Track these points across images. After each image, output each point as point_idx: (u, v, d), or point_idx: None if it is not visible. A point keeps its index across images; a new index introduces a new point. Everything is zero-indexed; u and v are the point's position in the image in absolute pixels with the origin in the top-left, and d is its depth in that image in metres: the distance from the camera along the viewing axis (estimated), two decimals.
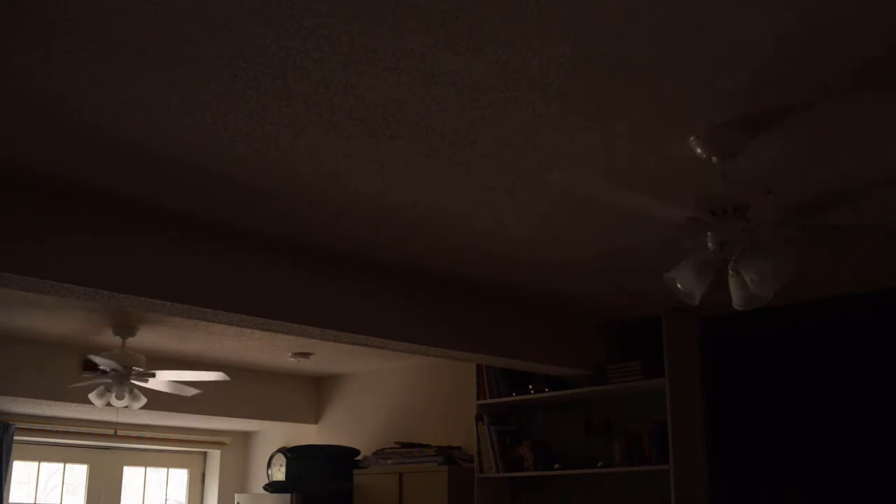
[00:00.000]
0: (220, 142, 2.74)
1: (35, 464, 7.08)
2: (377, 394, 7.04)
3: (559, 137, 2.69)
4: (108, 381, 5.32)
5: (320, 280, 4.05)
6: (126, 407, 5.43)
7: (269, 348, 6.08)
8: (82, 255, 3.29)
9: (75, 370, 5.95)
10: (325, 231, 3.70)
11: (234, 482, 7.94)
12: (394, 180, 3.07)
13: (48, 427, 6.73)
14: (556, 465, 5.34)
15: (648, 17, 2.02)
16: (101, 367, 5.30)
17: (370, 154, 2.83)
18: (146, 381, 5.41)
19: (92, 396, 5.38)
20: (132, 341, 5.44)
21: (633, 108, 2.51)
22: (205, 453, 8.09)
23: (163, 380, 5.47)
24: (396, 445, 6.20)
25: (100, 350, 5.43)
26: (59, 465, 7.21)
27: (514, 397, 5.61)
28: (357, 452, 6.64)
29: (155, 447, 7.61)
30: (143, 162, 2.93)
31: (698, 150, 2.69)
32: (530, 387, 5.53)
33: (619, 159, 2.88)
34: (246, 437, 8.13)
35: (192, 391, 5.69)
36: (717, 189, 2.66)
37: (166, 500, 7.88)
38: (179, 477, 7.97)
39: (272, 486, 6.65)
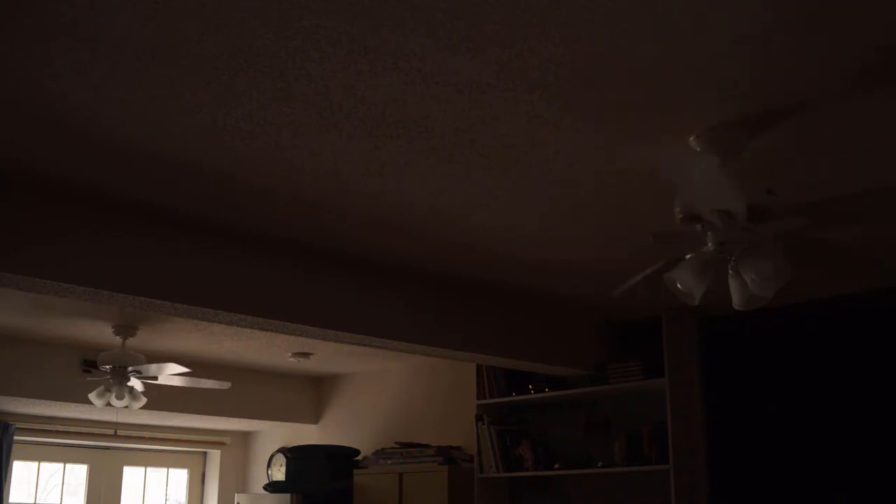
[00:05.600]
0: (220, 142, 2.74)
1: (35, 464, 7.08)
2: (377, 394, 7.04)
3: (559, 137, 2.70)
4: (108, 380, 5.33)
5: (320, 280, 4.05)
6: (126, 407, 5.44)
7: (269, 348, 6.08)
8: (82, 255, 3.29)
9: (75, 370, 5.95)
10: (325, 231, 3.70)
11: (234, 482, 7.95)
12: (394, 180, 3.07)
13: (48, 427, 6.73)
14: (556, 465, 5.34)
15: (648, 17, 2.02)
16: (101, 367, 5.31)
17: (370, 154, 2.83)
18: (155, 378, 5.41)
19: (92, 396, 5.38)
20: (132, 341, 5.44)
21: (633, 108, 2.51)
22: (205, 453, 8.09)
23: (164, 381, 5.47)
24: (396, 445, 6.20)
25: (100, 350, 5.44)
26: (59, 465, 7.21)
27: (514, 397, 5.61)
28: (357, 452, 6.64)
29: (155, 447, 7.61)
30: (144, 162, 2.93)
31: (698, 150, 2.69)
32: (530, 387, 5.53)
33: (619, 159, 2.88)
34: (246, 437, 8.13)
35: (207, 383, 5.67)
36: (717, 189, 2.66)
37: (166, 500, 7.88)
38: (179, 477, 7.98)
39: (272, 486, 6.65)
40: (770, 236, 2.77)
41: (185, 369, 5.29)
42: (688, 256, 2.81)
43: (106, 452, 7.42)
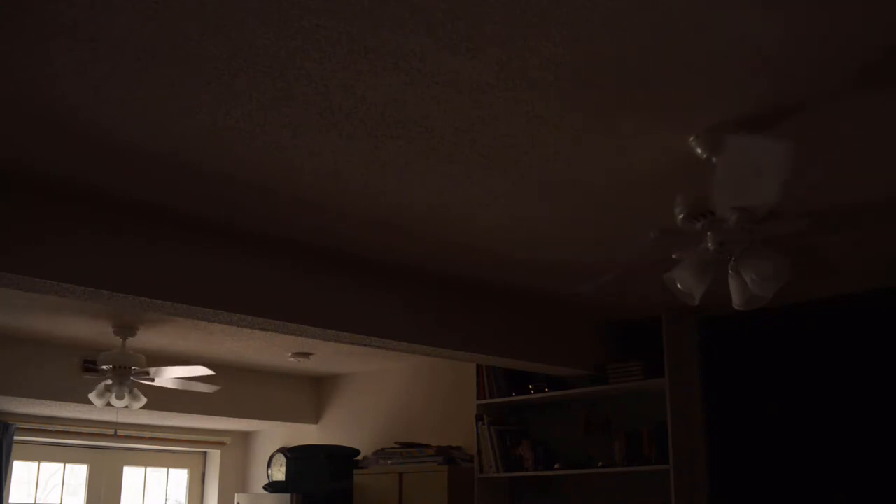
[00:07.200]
0: (220, 142, 2.74)
1: (35, 464, 7.08)
2: (377, 394, 7.04)
3: (559, 137, 2.70)
4: (108, 380, 5.33)
5: (320, 280, 4.05)
6: (126, 407, 5.43)
7: (269, 348, 6.08)
8: (82, 255, 3.29)
9: (76, 370, 5.95)
10: (325, 231, 3.70)
11: (234, 482, 7.95)
12: (394, 180, 3.07)
13: (48, 427, 6.73)
14: (556, 465, 5.34)
15: (648, 17, 2.03)
16: (101, 367, 5.31)
17: (370, 154, 2.83)
18: (153, 380, 5.41)
19: (92, 396, 5.38)
20: (132, 341, 5.44)
21: (633, 108, 2.51)
22: (205, 453, 8.09)
23: (161, 378, 5.47)
24: (396, 445, 6.20)
25: (100, 350, 5.43)
26: (59, 465, 7.22)
27: (514, 397, 5.61)
28: (357, 452, 6.65)
29: (155, 447, 7.61)
30: (144, 162, 2.93)
31: (698, 150, 2.69)
32: (530, 387, 5.53)
33: (619, 159, 2.88)
34: (246, 437, 8.13)
35: (205, 387, 5.67)
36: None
37: (166, 500, 7.88)
38: (179, 477, 7.98)
39: (272, 486, 6.65)
40: (770, 236, 2.77)
41: (204, 372, 5.30)
42: (688, 256, 2.81)
43: (106, 452, 7.42)
